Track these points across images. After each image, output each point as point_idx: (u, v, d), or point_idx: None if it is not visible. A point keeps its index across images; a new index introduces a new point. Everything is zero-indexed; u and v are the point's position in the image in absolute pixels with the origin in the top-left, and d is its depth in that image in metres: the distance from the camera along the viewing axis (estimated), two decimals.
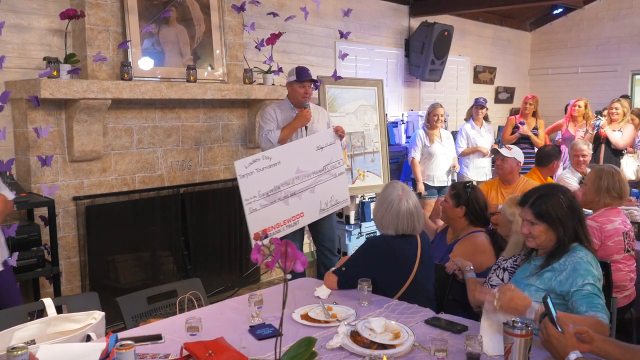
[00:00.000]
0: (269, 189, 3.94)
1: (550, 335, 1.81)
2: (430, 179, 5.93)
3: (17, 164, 3.93)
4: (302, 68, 4.21)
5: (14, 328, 2.20)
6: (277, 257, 1.62)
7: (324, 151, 4.20)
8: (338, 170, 4.30)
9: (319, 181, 4.19)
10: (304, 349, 1.75)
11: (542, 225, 2.28)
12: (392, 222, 2.71)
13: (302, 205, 4.11)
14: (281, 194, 4.00)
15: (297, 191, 4.09)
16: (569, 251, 2.27)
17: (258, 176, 3.89)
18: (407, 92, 7.47)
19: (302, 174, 4.11)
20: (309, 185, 4.14)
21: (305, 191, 4.13)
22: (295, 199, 4.08)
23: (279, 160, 3.98)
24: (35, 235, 3.65)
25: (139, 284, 4.15)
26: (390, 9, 7.04)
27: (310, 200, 4.15)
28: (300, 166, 4.09)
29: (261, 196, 3.91)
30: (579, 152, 4.86)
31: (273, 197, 3.96)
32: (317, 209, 4.21)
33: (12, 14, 3.87)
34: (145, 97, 4.13)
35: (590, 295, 2.15)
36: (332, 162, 4.25)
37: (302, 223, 4.16)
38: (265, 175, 3.92)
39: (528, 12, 9.15)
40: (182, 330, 2.21)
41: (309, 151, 4.14)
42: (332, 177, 4.26)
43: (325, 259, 4.41)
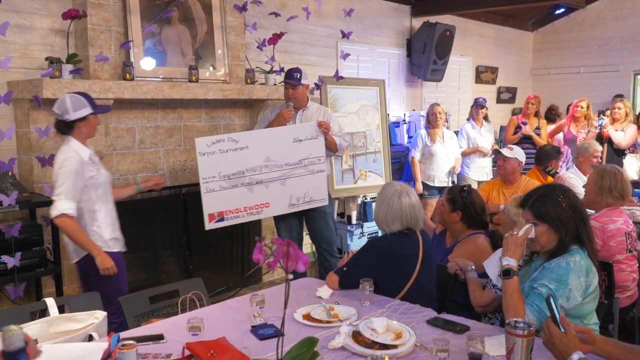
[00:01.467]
0: (231, 172, 3.90)
1: (553, 336, 1.81)
2: (431, 179, 5.92)
3: (20, 164, 3.93)
4: (290, 70, 4.24)
5: None
6: (278, 257, 1.62)
7: (302, 144, 4.11)
8: (317, 167, 4.18)
9: (292, 174, 4.11)
10: (306, 349, 1.75)
11: (543, 226, 2.28)
12: (397, 217, 2.71)
13: (268, 195, 4.04)
14: (245, 179, 3.95)
15: (265, 180, 4.02)
16: (566, 253, 2.26)
17: (220, 157, 3.86)
18: (409, 92, 7.47)
19: (272, 163, 4.04)
20: (280, 176, 4.07)
21: (275, 182, 4.05)
22: (261, 187, 4.01)
23: (246, 145, 3.93)
24: (37, 235, 3.65)
25: (141, 284, 4.15)
26: (392, 9, 7.03)
27: (279, 191, 4.08)
28: (272, 155, 4.03)
29: (221, 177, 3.87)
30: (597, 153, 4.85)
31: (235, 181, 3.92)
32: (287, 202, 4.13)
33: (14, 14, 3.87)
34: (147, 97, 4.13)
35: (537, 294, 2.20)
36: (310, 158, 4.15)
37: (266, 213, 4.12)
38: (229, 158, 3.88)
39: (530, 12, 9.14)
40: (184, 330, 2.21)
41: (283, 142, 4.06)
42: (308, 173, 4.15)
43: (324, 260, 4.40)
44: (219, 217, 3.90)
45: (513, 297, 2.21)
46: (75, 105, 3.03)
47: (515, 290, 2.22)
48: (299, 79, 4.16)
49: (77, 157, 3.02)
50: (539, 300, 2.19)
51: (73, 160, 3.01)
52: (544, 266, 2.28)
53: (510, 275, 2.23)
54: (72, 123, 3.05)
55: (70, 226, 2.98)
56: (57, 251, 3.72)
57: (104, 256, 3.06)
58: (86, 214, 3.10)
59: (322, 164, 4.21)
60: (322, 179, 4.24)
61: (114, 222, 3.27)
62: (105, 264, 3.06)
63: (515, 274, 2.24)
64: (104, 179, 3.18)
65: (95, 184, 3.11)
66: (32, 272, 3.61)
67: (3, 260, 3.41)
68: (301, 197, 4.15)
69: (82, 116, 3.05)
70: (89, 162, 3.09)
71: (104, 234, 3.14)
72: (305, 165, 4.14)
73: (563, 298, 2.18)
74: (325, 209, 4.33)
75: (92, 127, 3.13)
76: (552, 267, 2.24)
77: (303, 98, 4.26)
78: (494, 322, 2.69)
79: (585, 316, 2.28)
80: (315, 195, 4.21)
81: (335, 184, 5.43)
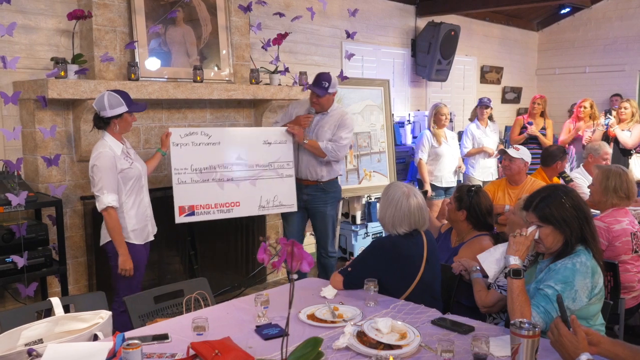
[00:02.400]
0: (202, 166, 3.97)
1: (562, 336, 1.80)
2: (438, 180, 5.91)
3: (25, 163, 3.95)
4: (319, 77, 4.18)
5: (21, 327, 2.22)
6: (283, 257, 1.62)
7: (272, 147, 4.21)
8: (286, 172, 4.28)
9: (262, 176, 4.19)
10: (311, 349, 1.75)
11: (548, 228, 2.27)
12: (404, 219, 2.71)
13: (239, 194, 4.11)
14: (216, 175, 4.02)
15: (235, 178, 4.10)
16: (572, 254, 2.26)
17: (193, 150, 3.93)
18: (413, 92, 7.46)
19: (243, 162, 4.12)
20: (250, 176, 4.15)
21: (245, 181, 4.14)
22: (232, 185, 4.09)
23: (218, 141, 4.02)
24: (43, 234, 3.67)
25: (146, 284, 4.16)
26: (397, 9, 7.03)
27: (249, 192, 4.15)
28: (242, 154, 4.12)
29: (193, 170, 3.94)
30: (607, 155, 4.83)
31: (206, 175, 3.98)
32: (257, 204, 4.21)
33: (20, 15, 3.89)
34: (152, 97, 4.14)
35: (544, 295, 2.19)
36: (279, 161, 4.24)
37: (236, 213, 4.16)
38: (201, 151, 3.95)
39: (535, 12, 9.11)
40: (188, 329, 2.21)
41: (254, 142, 4.16)
42: (277, 176, 4.25)
43: (320, 258, 4.47)
44: (190, 211, 3.96)
45: (520, 297, 2.20)
46: (112, 103, 3.26)
47: (522, 291, 2.21)
48: (326, 88, 4.12)
49: (109, 153, 3.27)
50: (545, 301, 2.18)
51: (106, 155, 3.25)
52: (549, 267, 2.28)
53: (520, 276, 2.23)
54: (108, 119, 3.30)
55: (114, 219, 3.27)
56: (62, 251, 3.73)
57: (126, 257, 3.32)
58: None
59: (291, 169, 4.30)
60: (291, 185, 4.31)
61: (142, 214, 3.47)
62: (125, 265, 3.32)
63: (514, 273, 2.24)
64: (136, 172, 3.39)
65: (126, 177, 3.34)
66: (37, 271, 3.62)
67: (11, 259, 3.43)
68: (271, 200, 4.24)
69: (118, 114, 3.29)
70: (122, 156, 3.33)
71: (127, 225, 3.37)
72: (274, 169, 4.24)
73: (569, 299, 2.17)
74: (325, 210, 4.34)
75: (126, 124, 3.38)
76: (558, 268, 2.23)
77: (328, 105, 4.25)
78: (498, 323, 2.68)
79: (591, 317, 2.28)
80: (285, 200, 4.29)
81: (340, 184, 5.42)
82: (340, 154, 4.25)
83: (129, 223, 3.37)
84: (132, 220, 3.39)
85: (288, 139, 4.25)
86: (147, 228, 3.52)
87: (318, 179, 4.29)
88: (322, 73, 4.19)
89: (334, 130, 4.23)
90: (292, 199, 4.31)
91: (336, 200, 4.45)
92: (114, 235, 3.29)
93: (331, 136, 4.22)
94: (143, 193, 3.48)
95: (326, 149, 4.16)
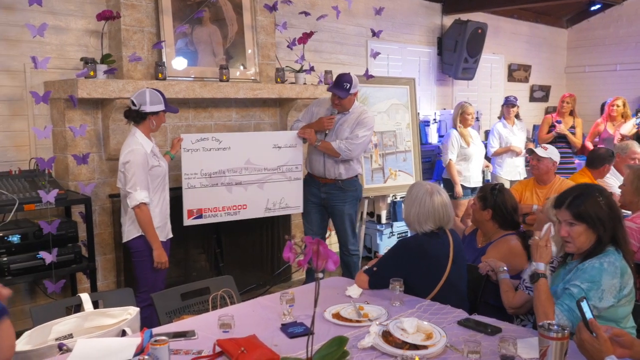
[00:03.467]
0: (212, 171, 4.03)
1: (584, 340, 1.77)
2: (467, 180, 5.84)
3: (56, 162, 4.02)
4: (340, 78, 4.16)
5: (52, 322, 2.26)
6: (308, 255, 1.62)
7: (281, 151, 4.26)
8: (294, 175, 4.34)
9: (270, 179, 4.25)
10: (336, 347, 1.75)
11: (581, 226, 2.24)
12: (429, 217, 2.69)
13: (246, 197, 4.18)
14: (225, 179, 4.08)
15: (244, 182, 4.16)
16: (601, 253, 2.22)
17: (203, 155, 3.98)
18: (439, 90, 7.40)
19: (252, 167, 4.18)
20: (258, 179, 4.21)
21: (253, 184, 4.20)
22: (239, 188, 4.15)
23: (229, 146, 4.07)
24: (72, 231, 3.73)
25: (173, 281, 4.21)
26: (423, 6, 6.98)
27: (256, 195, 4.21)
28: (252, 158, 4.17)
29: (203, 175, 4.00)
30: (636, 155, 4.73)
31: (216, 179, 4.05)
32: (263, 206, 4.28)
33: (51, 16, 3.96)
34: (178, 97, 4.18)
35: (569, 294, 2.17)
36: (288, 165, 4.30)
37: (243, 215, 4.23)
38: (211, 156, 4.01)
39: (564, 9, 8.96)
40: (214, 327, 2.23)
41: (264, 146, 4.22)
42: (285, 179, 4.31)
43: (344, 257, 4.48)
44: (198, 214, 4.04)
45: (541, 298, 2.20)
46: (153, 99, 3.34)
47: (542, 292, 2.21)
48: (347, 89, 4.10)
49: (141, 150, 3.31)
50: (570, 299, 2.15)
51: (138, 152, 3.30)
52: (577, 267, 2.25)
53: (536, 279, 2.24)
54: (145, 115, 3.35)
55: (146, 215, 3.32)
56: (91, 248, 3.79)
57: (161, 251, 3.39)
58: None
59: (299, 172, 4.37)
60: (299, 187, 4.38)
61: (165, 211, 3.54)
62: (161, 258, 3.40)
63: (540, 277, 2.24)
64: (163, 170, 3.47)
65: (154, 175, 3.40)
66: (67, 267, 3.69)
67: (41, 255, 3.50)
68: (277, 202, 4.31)
69: (156, 111, 3.36)
70: (151, 154, 3.38)
71: (153, 221, 3.41)
72: (283, 172, 4.30)
73: (595, 299, 2.14)
74: (343, 208, 4.34)
75: (160, 122, 3.47)
76: (585, 267, 2.20)
77: (349, 105, 4.24)
78: (526, 324, 2.65)
79: (621, 319, 2.23)
80: (291, 202, 4.37)
81: (365, 183, 5.40)
82: (354, 152, 4.21)
83: (154, 220, 3.42)
84: (157, 218, 3.45)
85: (298, 143, 4.30)
86: (167, 225, 3.59)
87: (336, 177, 4.29)
88: (343, 74, 4.18)
89: (352, 128, 4.23)
90: (298, 200, 4.39)
91: (355, 198, 4.43)
92: (148, 230, 3.34)
93: (349, 134, 4.21)
94: (165, 191, 3.54)
95: (339, 148, 4.15)
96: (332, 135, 4.23)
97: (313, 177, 4.39)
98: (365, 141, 4.26)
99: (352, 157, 4.26)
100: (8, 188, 3.55)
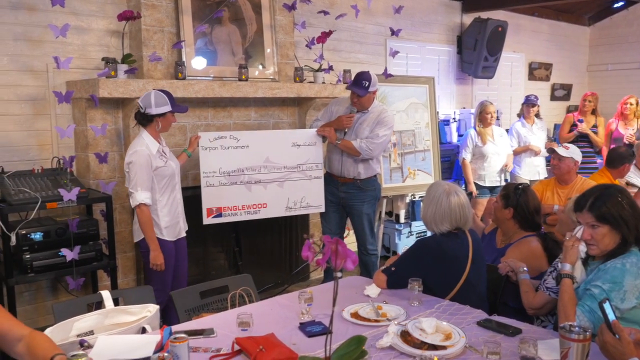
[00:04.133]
0: (231, 169, 4.02)
1: (607, 342, 1.74)
2: (482, 179, 5.80)
3: (77, 160, 4.08)
4: (359, 76, 4.15)
5: (74, 319, 2.29)
6: (327, 255, 1.62)
7: (301, 149, 4.23)
8: (315, 173, 4.30)
9: (290, 178, 4.22)
10: (354, 347, 1.75)
11: (605, 227, 2.20)
12: (445, 217, 2.67)
13: (266, 196, 4.16)
14: (244, 177, 4.07)
15: (263, 180, 4.14)
16: (624, 253, 2.19)
17: (222, 153, 3.97)
18: (459, 89, 7.35)
19: (271, 165, 4.16)
20: (277, 178, 4.19)
21: (272, 183, 4.18)
22: (259, 187, 4.13)
23: (247, 144, 4.06)
24: (93, 229, 3.78)
25: (192, 279, 4.23)
26: (442, 5, 6.93)
27: (276, 193, 4.19)
28: (271, 156, 4.15)
29: (221, 174, 3.99)
30: None
31: (235, 178, 4.04)
32: (284, 205, 4.25)
33: (73, 17, 4.02)
34: (198, 96, 4.21)
35: (591, 296, 2.15)
36: (308, 163, 4.27)
37: (263, 214, 4.21)
38: (230, 155, 4.00)
39: (586, 6, 8.83)
40: (233, 325, 2.24)
41: (283, 144, 4.19)
42: (305, 178, 4.28)
43: (362, 256, 4.46)
44: (217, 212, 4.04)
45: (563, 299, 2.19)
46: (158, 101, 3.33)
47: (565, 293, 2.20)
48: (366, 88, 4.09)
49: (145, 151, 3.32)
50: (590, 300, 2.13)
51: (141, 153, 3.31)
52: (599, 268, 2.22)
53: (560, 280, 2.25)
54: (151, 117, 3.36)
55: (145, 216, 3.33)
56: (112, 245, 3.84)
57: (157, 253, 3.37)
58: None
59: (320, 171, 4.33)
60: (320, 185, 4.34)
61: (175, 211, 3.53)
62: (156, 260, 3.38)
63: (564, 277, 2.23)
64: (169, 170, 3.45)
65: (160, 175, 3.40)
66: (88, 265, 3.73)
67: (63, 253, 3.54)
68: (298, 201, 4.28)
69: (162, 112, 3.36)
70: (157, 155, 3.38)
71: (161, 222, 3.44)
72: (302, 170, 4.27)
73: (617, 299, 2.11)
74: (362, 208, 4.33)
75: (167, 123, 3.45)
76: (607, 268, 2.18)
77: (368, 103, 4.24)
78: (546, 325, 2.62)
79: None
80: (312, 201, 4.33)
81: (384, 182, 5.39)
82: (375, 151, 4.21)
83: (163, 220, 3.44)
84: (166, 218, 3.46)
85: (318, 141, 4.28)
86: (178, 225, 3.58)
87: (355, 177, 4.28)
88: (362, 72, 4.17)
89: (372, 127, 4.21)
90: (320, 199, 4.36)
91: (374, 198, 4.42)
92: (146, 231, 3.36)
93: (369, 133, 4.20)
94: (176, 191, 3.54)
95: (360, 147, 4.14)
96: (352, 134, 4.22)
97: (332, 177, 4.39)
98: (385, 140, 4.25)
99: (373, 157, 4.25)
100: (31, 186, 3.60)
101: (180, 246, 3.59)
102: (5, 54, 3.81)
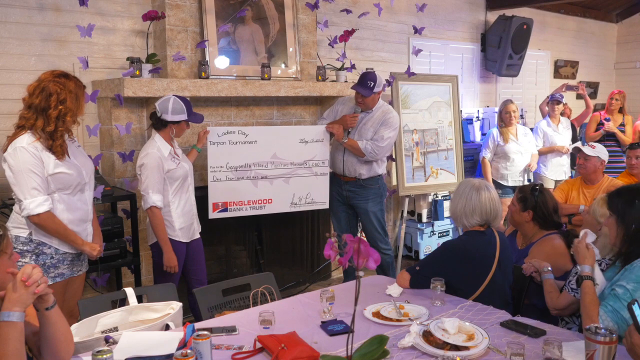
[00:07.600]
0: (238, 164, 4.02)
1: (635, 344, 1.71)
2: (505, 178, 5.73)
3: (102, 159, 4.13)
4: (364, 76, 4.15)
5: (98, 315, 2.32)
6: (349, 254, 1.62)
7: (308, 146, 4.23)
8: (321, 170, 4.30)
9: (296, 174, 4.22)
10: (376, 346, 1.74)
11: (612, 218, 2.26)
12: (476, 210, 2.66)
13: (272, 191, 4.16)
14: (251, 173, 4.07)
15: (270, 176, 4.14)
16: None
17: (229, 148, 3.98)
18: (482, 87, 7.27)
19: (278, 161, 4.16)
20: (284, 174, 4.19)
21: (279, 179, 4.18)
22: (265, 182, 4.13)
23: (255, 140, 4.06)
24: (118, 227, 3.82)
25: (214, 277, 4.27)
26: (466, 2, 6.87)
27: (282, 189, 4.19)
28: (278, 152, 4.15)
29: (229, 169, 4.00)
30: None
31: (242, 173, 4.04)
32: (289, 201, 4.25)
33: (99, 17, 4.07)
34: (221, 95, 4.23)
35: (614, 296, 2.13)
36: (315, 160, 4.26)
37: (268, 209, 4.21)
38: (238, 150, 4.00)
39: (614, 3, 8.67)
40: (255, 323, 2.25)
41: (290, 140, 4.19)
42: (311, 174, 4.28)
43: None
44: (223, 207, 4.04)
45: (585, 301, 2.18)
46: (176, 108, 3.37)
47: (586, 295, 2.19)
48: (371, 88, 4.09)
49: (156, 154, 3.33)
50: (614, 300, 2.11)
51: (152, 156, 3.32)
52: (625, 268, 2.20)
53: (581, 282, 2.24)
54: (166, 123, 3.39)
55: (157, 218, 3.34)
56: (136, 243, 3.88)
57: (171, 255, 3.39)
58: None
59: (326, 167, 4.33)
60: (325, 182, 4.34)
61: (188, 212, 3.53)
62: (170, 262, 3.40)
63: (584, 279, 2.23)
64: (182, 172, 3.45)
65: (172, 178, 3.39)
66: (112, 262, 3.78)
67: None
68: (303, 197, 4.28)
69: (177, 120, 3.39)
70: (169, 157, 3.38)
71: (175, 223, 3.45)
72: (309, 167, 4.26)
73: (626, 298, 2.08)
74: (367, 206, 4.32)
75: (181, 130, 3.48)
76: (633, 267, 2.16)
77: (373, 104, 4.23)
78: (571, 327, 2.58)
79: None
80: (317, 198, 4.33)
81: (406, 181, 5.36)
82: (380, 154, 4.20)
83: (177, 222, 3.44)
84: (180, 219, 3.46)
85: (325, 138, 4.27)
86: (192, 226, 3.58)
87: (357, 176, 4.28)
88: (367, 72, 4.17)
89: (376, 127, 4.20)
90: (324, 196, 4.36)
91: (378, 195, 4.38)
92: (158, 233, 3.36)
93: (373, 134, 4.19)
94: (189, 192, 3.54)
95: (365, 149, 4.13)
96: (355, 134, 4.22)
97: (335, 175, 4.40)
98: (390, 143, 4.25)
99: (377, 159, 4.26)
100: None
101: (195, 247, 3.59)
102: (33, 54, 3.87)
